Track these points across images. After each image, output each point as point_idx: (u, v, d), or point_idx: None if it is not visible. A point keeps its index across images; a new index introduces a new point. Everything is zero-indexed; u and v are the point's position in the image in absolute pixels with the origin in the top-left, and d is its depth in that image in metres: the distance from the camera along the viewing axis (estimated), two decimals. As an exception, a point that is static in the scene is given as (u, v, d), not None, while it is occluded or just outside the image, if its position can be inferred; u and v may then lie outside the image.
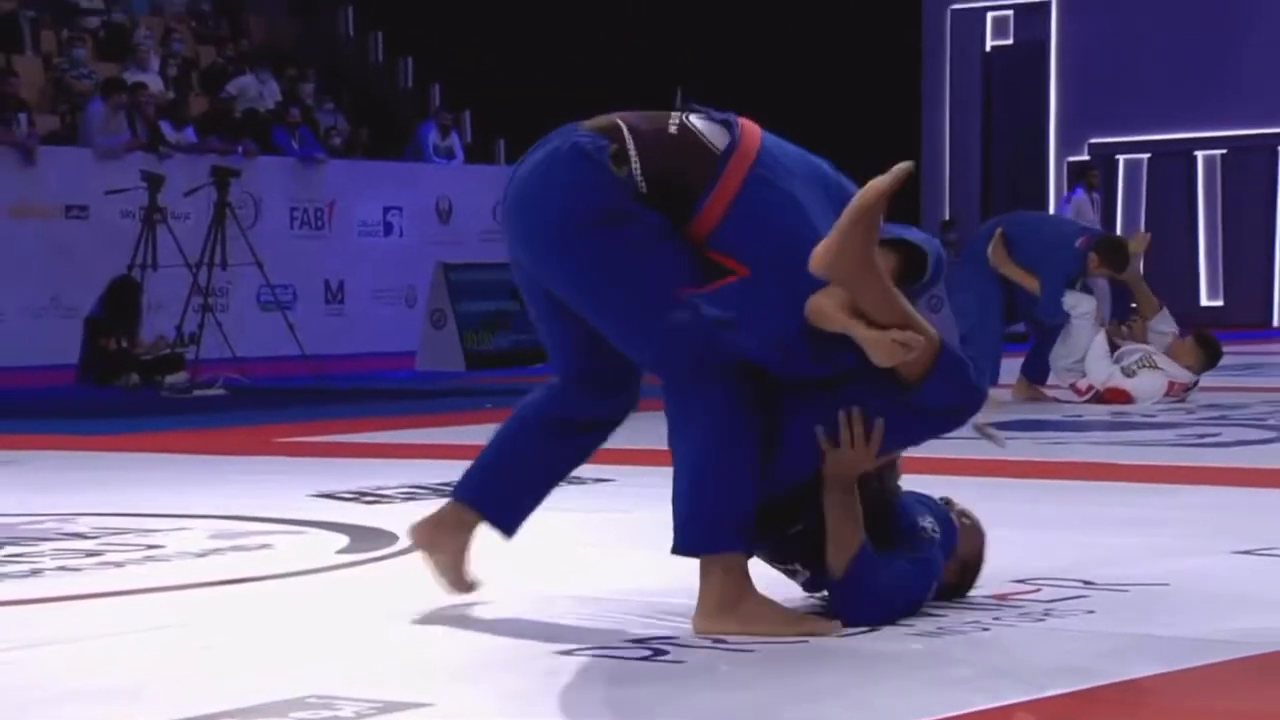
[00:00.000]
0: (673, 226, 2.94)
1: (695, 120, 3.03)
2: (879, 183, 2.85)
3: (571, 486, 5.16)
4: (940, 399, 2.93)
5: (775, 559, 3.10)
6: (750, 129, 3.04)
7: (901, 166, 2.82)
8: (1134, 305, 8.61)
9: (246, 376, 10.68)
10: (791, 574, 3.10)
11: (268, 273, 11.78)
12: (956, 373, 2.94)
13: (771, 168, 2.96)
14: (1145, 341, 8.23)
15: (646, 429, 3.52)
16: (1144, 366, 8.00)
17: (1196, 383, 8.15)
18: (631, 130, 2.99)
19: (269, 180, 14.85)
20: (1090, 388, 8.09)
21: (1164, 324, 8.36)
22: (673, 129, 2.99)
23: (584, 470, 5.31)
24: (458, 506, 3.31)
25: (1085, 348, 8.06)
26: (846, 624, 2.94)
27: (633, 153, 2.94)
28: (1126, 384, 7.95)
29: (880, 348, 2.84)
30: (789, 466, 2.95)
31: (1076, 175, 17.94)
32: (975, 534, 3.25)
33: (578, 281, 3.00)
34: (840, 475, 2.94)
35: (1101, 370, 8.05)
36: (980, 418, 3.06)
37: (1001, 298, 8.32)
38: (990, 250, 8.24)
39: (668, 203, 2.94)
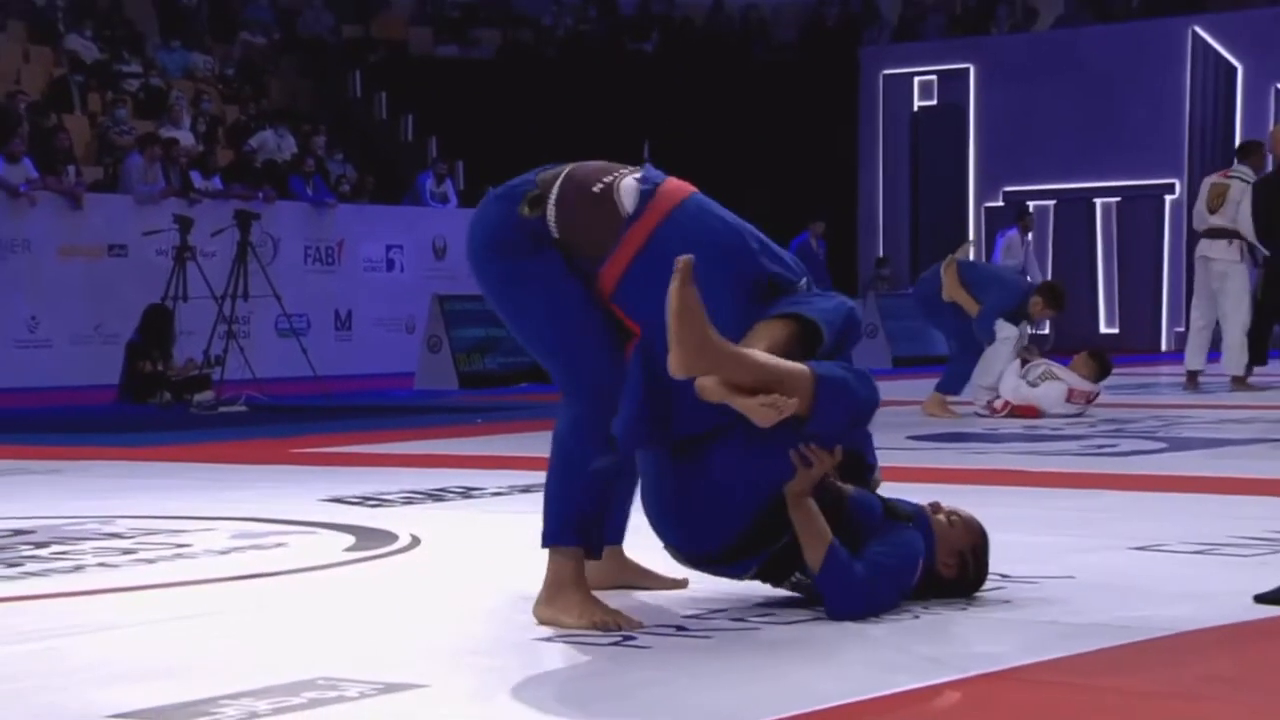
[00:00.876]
0: (578, 272, 2.90)
1: (627, 181, 2.97)
2: (674, 287, 2.71)
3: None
4: (830, 423, 2.86)
5: (778, 578, 3.00)
6: (668, 195, 2.95)
7: (683, 259, 2.70)
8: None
9: (265, 395, 10.63)
10: (796, 587, 3.00)
11: (284, 303, 11.72)
12: (840, 394, 2.86)
13: (671, 239, 2.87)
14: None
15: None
16: (1046, 378, 8.06)
17: (1098, 394, 8.17)
18: (565, 179, 2.96)
19: (286, 222, 14.80)
20: (1005, 404, 8.13)
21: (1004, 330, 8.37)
22: (598, 188, 2.94)
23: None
24: (572, 557, 3.00)
25: (1000, 370, 8.15)
26: (834, 617, 2.87)
27: (551, 199, 2.91)
28: (1032, 395, 8.01)
29: (755, 414, 2.77)
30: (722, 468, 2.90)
31: (1016, 216, 18.01)
32: (968, 529, 3.14)
33: (493, 304, 3.02)
34: (797, 492, 2.90)
35: (1009, 387, 8.12)
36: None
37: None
38: (944, 271, 8.29)
39: (577, 252, 2.91)
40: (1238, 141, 19.36)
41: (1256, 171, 10.42)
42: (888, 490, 3.25)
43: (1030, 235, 17.59)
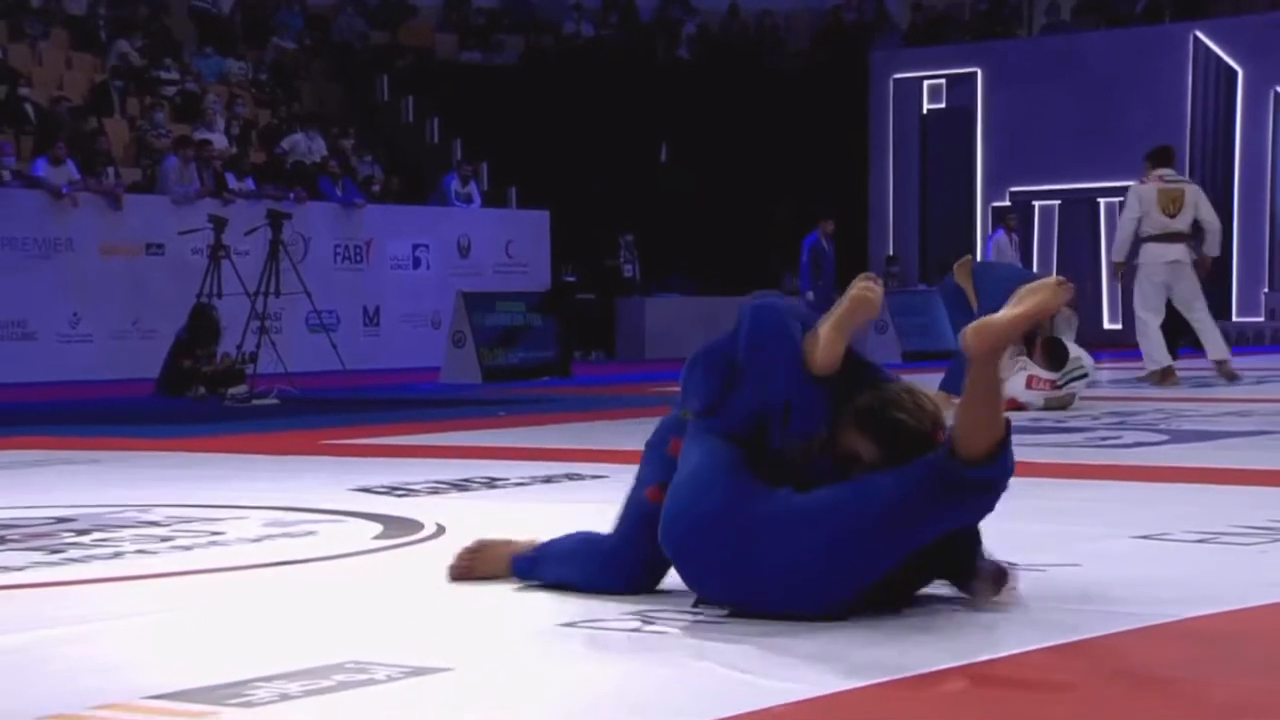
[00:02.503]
0: None
1: None
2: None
3: (570, 482, 5.15)
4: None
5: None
6: None
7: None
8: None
9: (296, 388, 10.65)
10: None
11: (315, 300, 11.76)
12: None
13: None
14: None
15: (637, 432, 3.50)
16: (1016, 370, 8.17)
17: (1071, 393, 8.12)
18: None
19: (316, 222, 14.83)
20: None
21: (1067, 325, 8.57)
22: None
23: (581, 468, 5.31)
24: None
25: None
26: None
27: None
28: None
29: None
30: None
31: (998, 219, 18.00)
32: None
33: None
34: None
35: None
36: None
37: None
38: (956, 268, 8.51)
39: None
40: (1238, 144, 19.30)
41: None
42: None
43: (1016, 235, 17.61)
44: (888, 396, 2.83)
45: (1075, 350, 8.28)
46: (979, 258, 17.92)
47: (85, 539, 4.07)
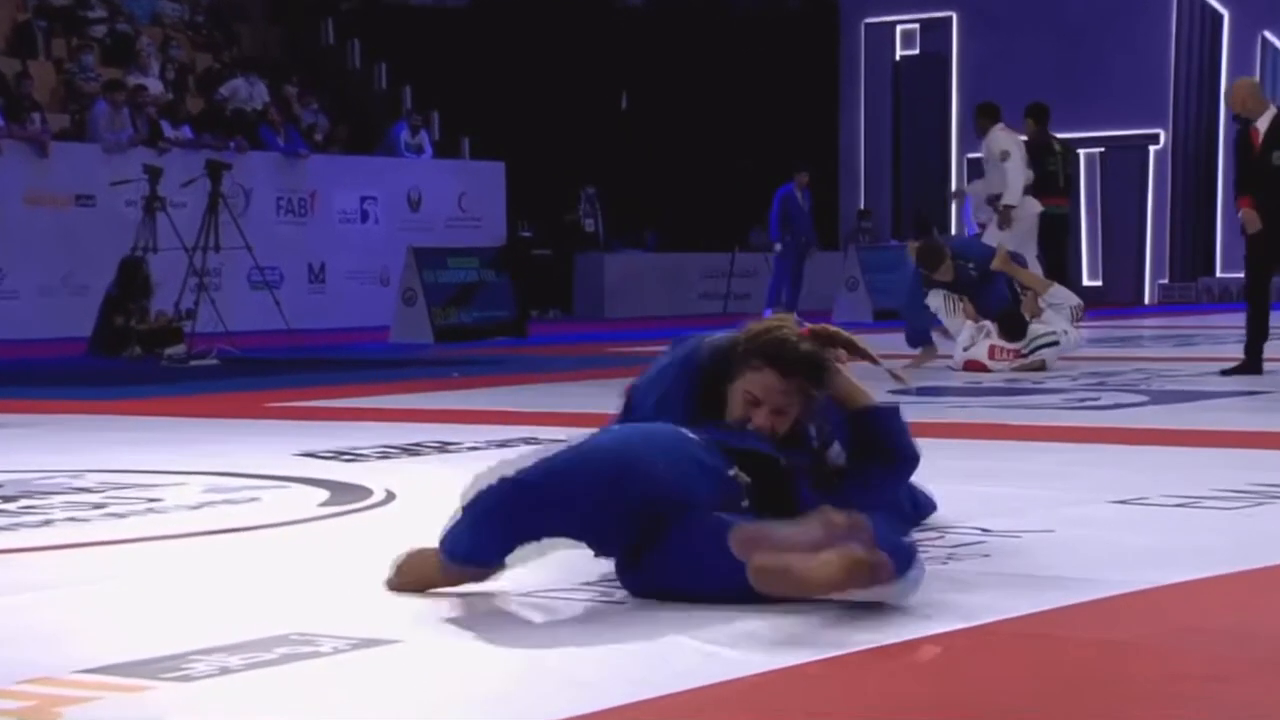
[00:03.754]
0: None
1: None
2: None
3: (527, 447, 5.15)
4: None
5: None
6: None
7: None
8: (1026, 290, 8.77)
9: (237, 348, 10.59)
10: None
11: (257, 255, 11.67)
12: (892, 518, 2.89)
13: None
14: (1038, 313, 8.51)
15: (595, 394, 3.50)
16: (984, 339, 8.40)
17: (1041, 360, 8.22)
18: None
19: (257, 173, 14.71)
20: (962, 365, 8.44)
21: (1057, 297, 8.60)
22: None
23: (538, 432, 5.31)
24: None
25: (957, 333, 8.54)
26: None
27: None
28: (969, 356, 8.36)
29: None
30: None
31: (975, 174, 18.04)
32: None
33: None
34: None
35: (958, 353, 8.52)
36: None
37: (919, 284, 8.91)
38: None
39: None
40: (1224, 91, 19.47)
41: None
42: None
43: None
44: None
45: (1054, 324, 8.38)
46: (957, 210, 18.01)
47: (12, 506, 4.04)
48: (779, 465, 2.84)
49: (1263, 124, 7.57)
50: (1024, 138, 11.10)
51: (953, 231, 17.44)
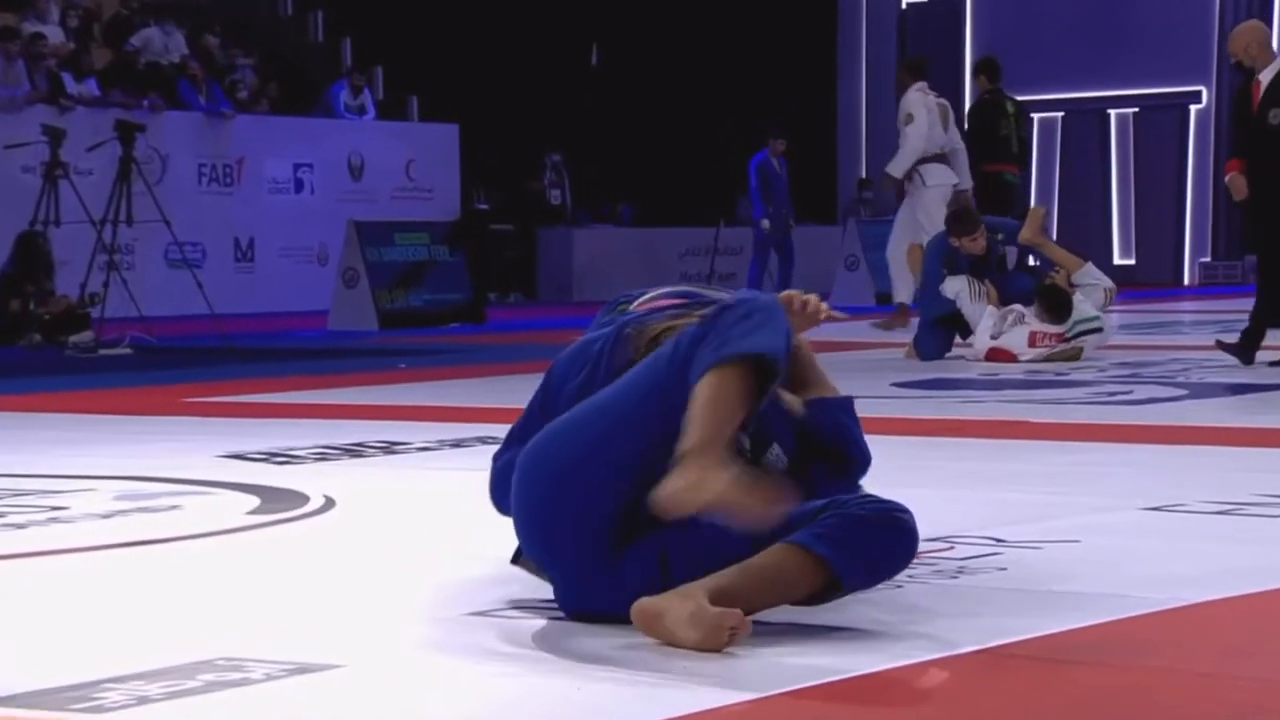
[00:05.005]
0: None
1: None
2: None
3: (485, 447, 5.16)
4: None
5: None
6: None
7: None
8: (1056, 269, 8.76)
9: (153, 335, 10.57)
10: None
11: (175, 230, 11.62)
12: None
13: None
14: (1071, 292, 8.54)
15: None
16: (1014, 324, 8.30)
17: (1079, 347, 8.23)
18: None
19: (175, 135, 14.67)
20: (984, 353, 8.36)
21: (1089, 277, 8.58)
22: None
23: (497, 430, 5.32)
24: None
25: (978, 322, 8.42)
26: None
27: None
28: (996, 344, 8.27)
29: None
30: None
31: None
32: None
33: None
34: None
35: (980, 339, 8.40)
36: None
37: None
38: (907, 257, 9.25)
39: None
40: (1277, 43, 19.51)
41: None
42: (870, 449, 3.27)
43: None
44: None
45: (1090, 308, 8.36)
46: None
47: (-101, 516, 4.04)
48: None
49: (1266, 77, 7.57)
50: (928, 95, 11.07)
51: None
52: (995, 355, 8.24)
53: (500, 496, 2.99)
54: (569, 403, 2.85)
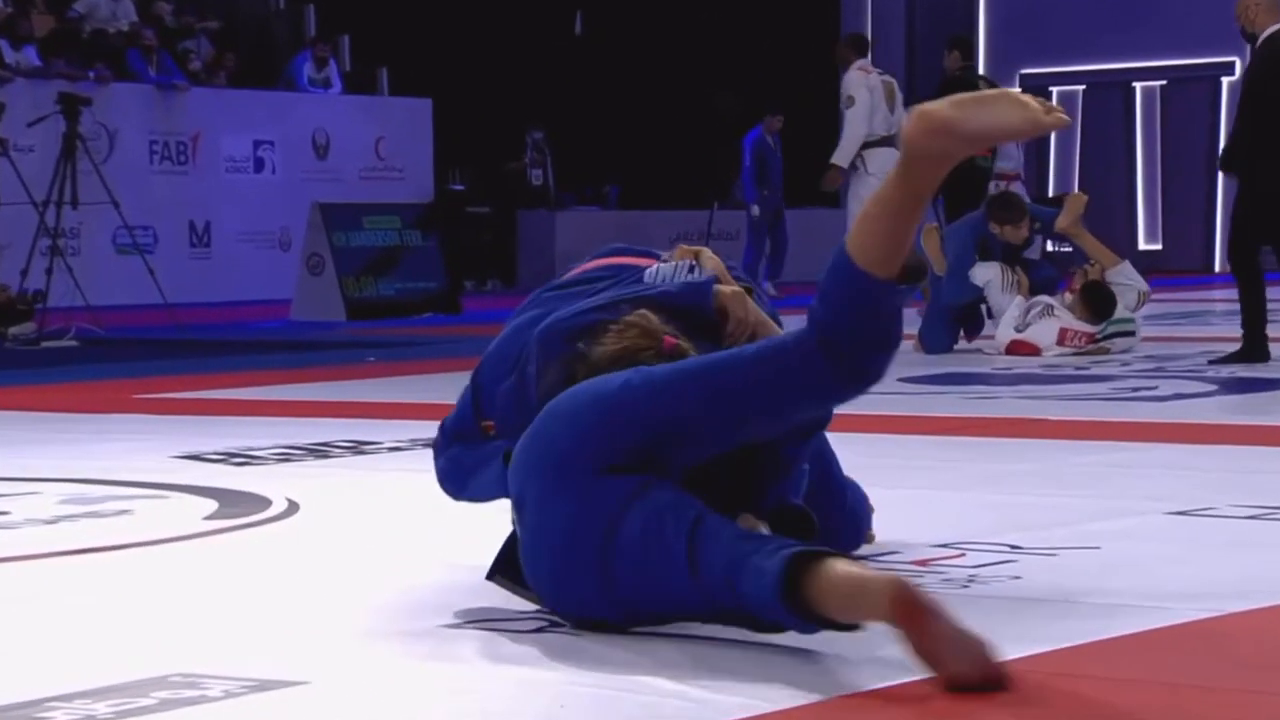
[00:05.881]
0: None
1: None
2: None
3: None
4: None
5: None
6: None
7: None
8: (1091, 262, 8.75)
9: (101, 326, 10.57)
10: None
11: (124, 212, 11.62)
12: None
13: None
14: None
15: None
16: (1042, 316, 8.27)
17: (1102, 346, 8.22)
18: None
19: (124, 109, 14.65)
20: (1006, 346, 8.35)
21: (1124, 276, 8.56)
22: None
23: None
24: None
25: (1003, 311, 8.39)
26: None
27: None
28: (1021, 337, 8.23)
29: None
30: None
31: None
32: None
33: None
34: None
35: (1003, 329, 8.39)
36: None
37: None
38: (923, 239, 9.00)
39: None
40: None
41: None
42: (875, 449, 3.29)
43: None
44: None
45: (1123, 309, 8.34)
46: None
47: None
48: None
49: (1261, 39, 7.60)
50: (870, 74, 11.07)
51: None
52: (1018, 348, 8.22)
53: (455, 486, 3.07)
54: (504, 406, 2.90)
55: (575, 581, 2.75)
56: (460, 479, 3.02)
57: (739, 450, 2.84)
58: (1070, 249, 10.74)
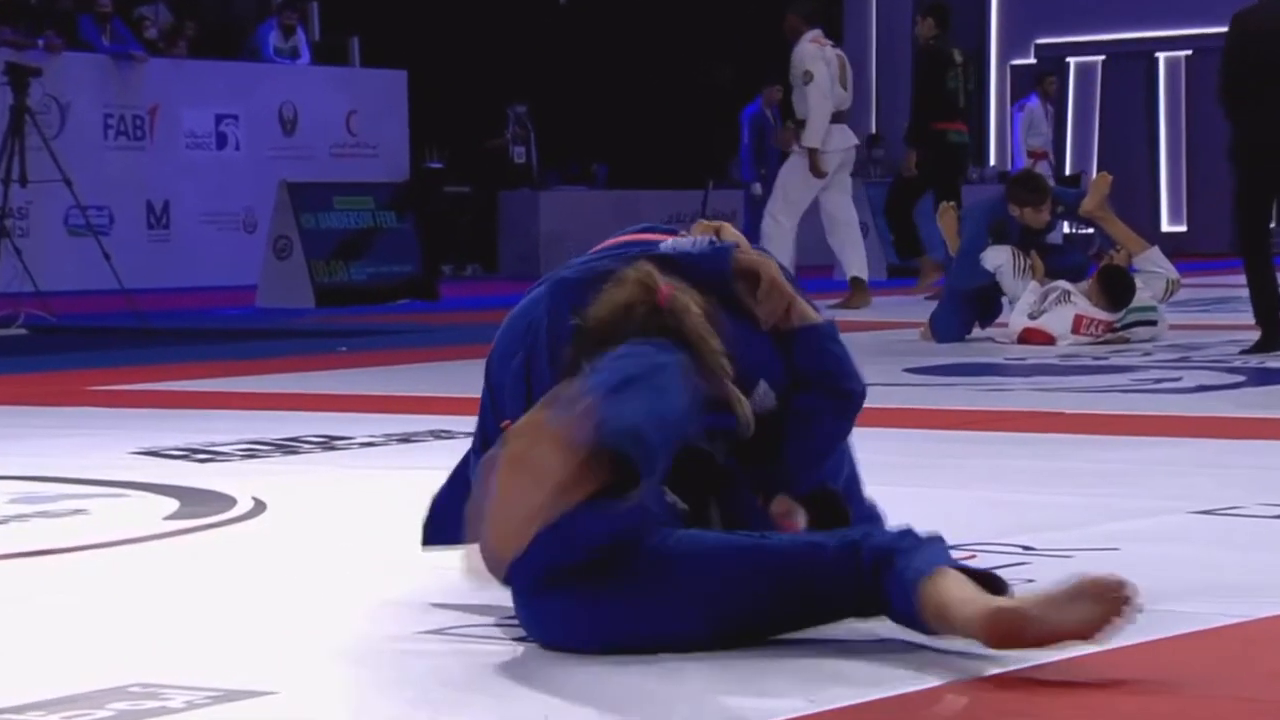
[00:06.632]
0: None
1: None
2: None
3: (438, 442, 5.19)
4: None
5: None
6: None
7: None
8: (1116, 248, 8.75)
9: (52, 314, 10.55)
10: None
11: (77, 191, 11.59)
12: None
13: None
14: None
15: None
16: (1058, 303, 8.25)
17: (1122, 336, 8.22)
18: None
19: (77, 81, 14.62)
20: (1019, 334, 8.34)
21: (1152, 263, 8.56)
22: None
23: (451, 423, 5.34)
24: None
25: (1018, 297, 8.38)
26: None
27: None
28: (1038, 323, 8.21)
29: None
30: None
31: (1034, 81, 18.08)
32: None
33: None
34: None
35: (1017, 316, 8.38)
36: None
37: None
38: (940, 219, 9.18)
39: None
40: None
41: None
42: (879, 445, 3.30)
43: (1052, 105, 17.74)
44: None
45: (1148, 297, 8.33)
46: (1004, 132, 18.06)
47: None
48: (714, 464, 2.89)
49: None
50: (823, 45, 11.16)
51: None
52: (1031, 336, 8.21)
53: (435, 530, 3.05)
54: (515, 383, 2.88)
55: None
56: (444, 525, 2.98)
57: (776, 432, 2.90)
58: (1090, 230, 10.73)
